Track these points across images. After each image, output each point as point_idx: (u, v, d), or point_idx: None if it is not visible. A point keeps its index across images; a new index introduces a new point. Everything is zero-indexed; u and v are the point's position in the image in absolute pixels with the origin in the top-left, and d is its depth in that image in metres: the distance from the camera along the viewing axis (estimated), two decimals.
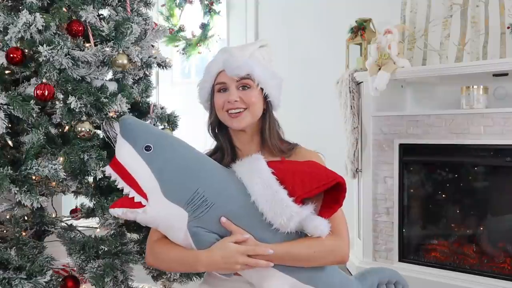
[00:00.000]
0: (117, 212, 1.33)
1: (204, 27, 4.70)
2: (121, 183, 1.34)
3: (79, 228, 2.21)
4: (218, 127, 1.55)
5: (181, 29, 4.79)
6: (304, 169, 1.37)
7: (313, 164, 1.41)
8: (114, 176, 1.35)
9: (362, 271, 1.59)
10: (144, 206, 1.32)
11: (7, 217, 2.10)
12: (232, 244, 1.32)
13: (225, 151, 1.52)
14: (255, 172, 1.35)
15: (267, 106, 1.52)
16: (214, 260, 1.32)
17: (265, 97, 1.50)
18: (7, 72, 2.06)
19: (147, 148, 1.34)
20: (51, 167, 1.87)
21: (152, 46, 2.32)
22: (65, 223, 2.26)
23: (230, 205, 1.35)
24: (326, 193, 1.36)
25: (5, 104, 1.94)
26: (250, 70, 1.46)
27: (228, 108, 1.47)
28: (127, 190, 1.33)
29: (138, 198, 1.32)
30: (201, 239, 1.33)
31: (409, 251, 3.14)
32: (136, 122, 1.41)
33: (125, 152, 1.35)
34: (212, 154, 1.55)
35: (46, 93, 1.93)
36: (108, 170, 1.36)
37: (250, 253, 1.32)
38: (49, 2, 2.06)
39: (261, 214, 1.32)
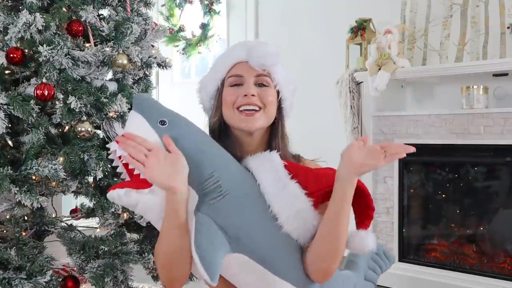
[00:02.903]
0: (119, 193, 1.17)
1: (204, 27, 4.70)
2: (126, 158, 1.17)
3: (79, 228, 2.21)
4: (219, 131, 1.34)
5: (181, 29, 4.79)
6: (318, 170, 1.28)
7: (326, 168, 1.30)
8: (120, 152, 1.18)
9: (349, 260, 1.54)
10: (151, 185, 1.16)
11: (7, 217, 2.10)
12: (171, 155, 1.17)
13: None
14: (267, 163, 1.24)
15: (280, 114, 1.34)
16: (163, 173, 1.14)
17: (279, 102, 1.33)
18: (7, 72, 2.06)
19: (162, 122, 1.21)
20: (51, 167, 1.87)
21: (152, 46, 2.32)
22: (65, 223, 2.26)
23: (242, 197, 1.21)
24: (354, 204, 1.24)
25: (5, 104, 1.94)
26: (275, 63, 1.29)
27: (242, 104, 1.27)
28: (134, 165, 1.17)
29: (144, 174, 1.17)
30: (203, 230, 1.16)
31: (409, 251, 3.14)
32: (151, 98, 1.32)
33: (137, 125, 1.22)
34: None
35: (46, 93, 1.93)
36: (114, 145, 1.20)
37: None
38: (49, 2, 2.06)
39: (268, 207, 1.20)
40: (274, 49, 1.29)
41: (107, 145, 1.26)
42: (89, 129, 1.99)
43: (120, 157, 1.20)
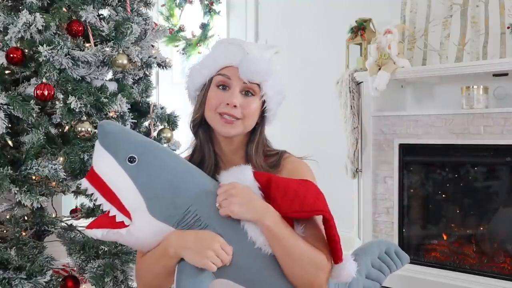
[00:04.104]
0: (96, 233, 1.15)
1: (204, 27, 4.70)
2: (100, 199, 1.15)
3: (79, 228, 2.21)
4: (200, 125, 1.35)
5: (181, 29, 4.79)
6: (297, 187, 1.22)
7: (307, 184, 1.25)
8: (92, 190, 1.16)
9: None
10: (128, 226, 1.14)
11: (7, 217, 2.10)
12: (214, 236, 1.16)
13: (206, 155, 1.34)
14: (234, 177, 1.21)
15: (261, 121, 1.35)
16: (184, 238, 1.14)
17: (263, 111, 1.33)
18: (7, 72, 2.06)
19: (131, 160, 1.15)
20: (51, 167, 1.87)
21: (152, 46, 2.32)
22: (65, 223, 2.26)
23: (220, 226, 1.18)
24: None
25: (5, 104, 1.94)
26: (265, 79, 1.29)
27: (223, 112, 1.27)
28: (107, 207, 1.15)
29: (120, 217, 1.14)
30: (186, 268, 1.15)
31: (409, 251, 3.12)
32: (117, 128, 1.22)
33: (104, 164, 1.16)
34: (191, 158, 1.37)
35: (46, 93, 1.93)
36: (85, 183, 1.16)
37: (222, 257, 1.15)
38: (49, 2, 2.06)
39: (246, 232, 1.17)
40: (266, 66, 1.27)
41: (78, 182, 1.22)
42: (89, 129, 1.99)
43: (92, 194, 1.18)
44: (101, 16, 2.27)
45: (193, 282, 1.13)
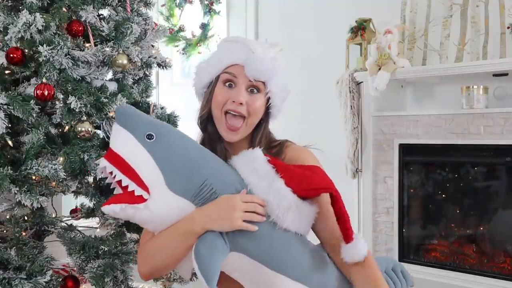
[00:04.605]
0: (114, 208, 1.17)
1: (204, 27, 4.70)
2: (119, 175, 1.18)
3: (79, 228, 2.21)
4: (207, 121, 1.38)
5: (181, 29, 4.78)
6: (303, 170, 1.27)
7: (313, 168, 1.29)
8: (110, 168, 1.19)
9: None
10: (146, 200, 1.17)
11: (7, 217, 2.10)
12: (228, 196, 1.20)
13: (218, 151, 1.37)
14: (251, 161, 1.25)
15: (266, 116, 1.38)
16: (208, 213, 1.18)
17: (268, 107, 1.37)
18: (7, 72, 2.06)
19: (149, 137, 1.20)
20: (51, 167, 1.87)
21: (152, 46, 2.32)
22: (65, 223, 2.26)
23: None
24: None
25: (5, 104, 1.94)
26: (270, 77, 1.32)
27: (230, 109, 1.31)
28: (126, 182, 1.18)
29: (139, 191, 1.18)
30: (203, 238, 1.19)
31: (409, 251, 3.14)
32: (134, 110, 1.28)
33: (124, 141, 1.21)
34: None
35: (46, 93, 1.93)
36: (103, 162, 1.20)
37: (249, 210, 1.19)
38: (49, 2, 2.06)
39: None
40: (271, 65, 1.31)
41: (95, 161, 1.27)
42: (89, 129, 1.99)
43: (111, 173, 1.20)
44: (101, 16, 2.27)
45: (210, 253, 1.17)
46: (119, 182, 1.20)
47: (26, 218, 2.13)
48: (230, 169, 1.27)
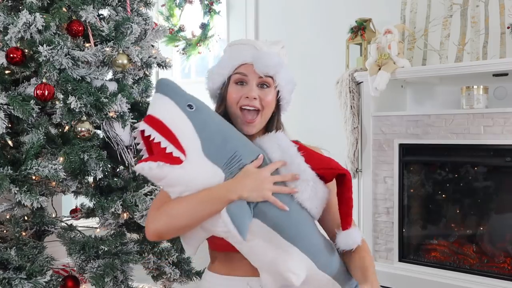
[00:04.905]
0: (151, 165, 1.24)
1: (204, 27, 4.70)
2: (158, 138, 1.27)
3: (79, 228, 2.21)
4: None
5: (181, 29, 4.79)
6: (320, 155, 1.41)
7: (327, 157, 1.42)
8: (149, 131, 1.27)
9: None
10: (182, 162, 1.26)
11: (7, 217, 2.10)
12: (258, 170, 1.32)
13: None
14: (274, 139, 1.39)
15: (277, 109, 1.50)
16: (245, 183, 1.29)
17: (278, 100, 1.48)
18: (7, 72, 2.06)
19: (190, 106, 1.31)
20: (51, 167, 1.87)
21: (152, 46, 2.32)
22: (65, 223, 2.26)
23: None
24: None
25: (5, 104, 1.94)
26: (277, 71, 1.44)
27: (244, 104, 1.43)
28: (165, 144, 1.26)
29: (177, 153, 1.26)
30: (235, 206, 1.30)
31: (409, 251, 3.14)
32: (174, 82, 1.38)
33: (166, 108, 1.30)
34: None
35: (46, 93, 1.93)
36: (143, 125, 1.29)
37: (276, 180, 1.32)
38: (49, 2, 2.06)
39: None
40: (277, 59, 1.43)
41: (135, 124, 1.37)
42: (89, 129, 1.99)
43: (143, 135, 1.29)
44: (101, 16, 2.27)
45: (241, 212, 1.29)
46: (156, 144, 1.28)
47: (26, 218, 2.13)
48: (256, 147, 1.39)
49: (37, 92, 1.93)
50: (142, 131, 1.29)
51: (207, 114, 1.35)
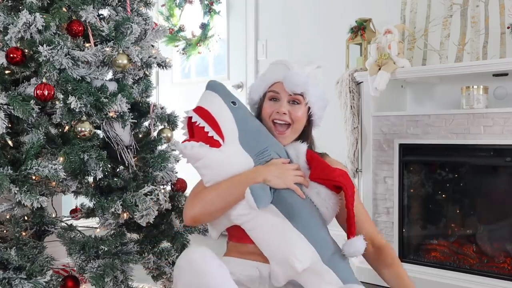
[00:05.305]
0: (194, 144, 1.46)
1: (204, 27, 4.70)
2: (203, 124, 1.49)
3: (79, 228, 2.21)
4: None
5: (181, 29, 4.79)
6: (328, 166, 1.55)
7: (341, 169, 1.55)
8: (196, 118, 1.50)
9: None
10: (221, 145, 1.48)
11: (7, 217, 2.10)
12: (286, 165, 1.53)
13: None
14: (295, 150, 1.60)
15: (309, 124, 1.69)
16: (271, 170, 1.48)
17: (309, 116, 1.68)
18: (7, 72, 2.06)
19: (234, 103, 1.55)
20: (51, 167, 1.87)
21: (152, 46, 2.32)
22: (65, 223, 2.26)
23: None
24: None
25: (5, 104, 1.94)
26: (306, 89, 1.62)
27: (276, 118, 1.62)
28: (208, 129, 1.49)
29: (217, 137, 1.48)
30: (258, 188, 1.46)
31: (409, 251, 3.14)
32: (223, 84, 1.62)
33: (214, 102, 1.54)
34: None
35: (46, 93, 1.93)
36: (191, 113, 1.52)
37: (298, 174, 1.52)
38: (49, 2, 2.06)
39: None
40: (304, 79, 1.62)
41: (184, 111, 1.56)
42: (89, 129, 1.99)
43: (190, 122, 1.51)
44: (101, 16, 2.27)
45: (262, 190, 1.46)
46: (201, 129, 1.49)
47: (26, 218, 2.13)
48: (282, 146, 1.62)
49: (37, 92, 1.93)
50: (190, 118, 1.52)
51: (247, 113, 1.60)
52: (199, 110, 1.52)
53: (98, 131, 2.11)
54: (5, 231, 2.11)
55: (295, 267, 1.40)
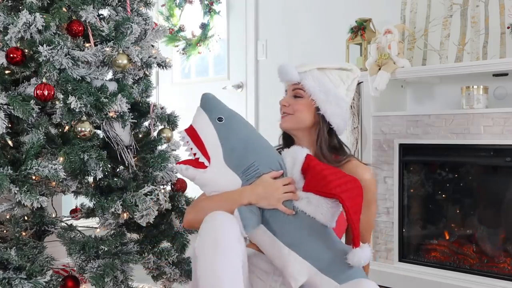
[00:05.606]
0: (182, 167, 1.54)
1: (204, 27, 4.69)
2: (191, 145, 1.54)
3: (79, 228, 2.21)
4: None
5: (181, 29, 4.78)
6: (329, 175, 1.49)
7: (347, 178, 1.50)
8: (187, 138, 1.55)
9: None
10: (206, 167, 1.51)
11: (7, 217, 2.10)
12: (273, 180, 1.52)
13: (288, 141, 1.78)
14: (291, 157, 1.58)
15: (322, 122, 1.69)
16: (257, 191, 1.50)
17: (317, 110, 1.68)
18: (7, 72, 2.06)
19: (220, 119, 1.55)
20: (51, 167, 1.87)
21: (152, 46, 2.32)
22: (65, 223, 2.26)
23: None
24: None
25: (5, 104, 1.94)
26: (296, 79, 1.68)
27: (280, 110, 1.74)
28: (195, 151, 1.53)
29: (202, 159, 1.52)
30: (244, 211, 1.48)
31: (409, 251, 3.14)
32: (215, 98, 1.63)
33: (200, 119, 1.56)
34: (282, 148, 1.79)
35: (46, 93, 1.93)
36: (183, 133, 1.57)
37: (287, 191, 1.51)
38: (49, 2, 2.06)
39: None
40: (292, 69, 1.68)
41: (178, 132, 1.61)
42: (89, 129, 1.99)
43: (187, 142, 1.55)
44: (101, 16, 2.27)
45: (250, 213, 1.48)
46: (190, 149, 1.55)
47: (26, 218, 2.13)
48: (277, 156, 1.60)
49: (37, 92, 1.93)
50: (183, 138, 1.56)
51: (234, 126, 1.57)
52: (190, 130, 1.57)
53: (98, 131, 2.11)
54: (5, 231, 2.11)
55: (291, 286, 1.44)
